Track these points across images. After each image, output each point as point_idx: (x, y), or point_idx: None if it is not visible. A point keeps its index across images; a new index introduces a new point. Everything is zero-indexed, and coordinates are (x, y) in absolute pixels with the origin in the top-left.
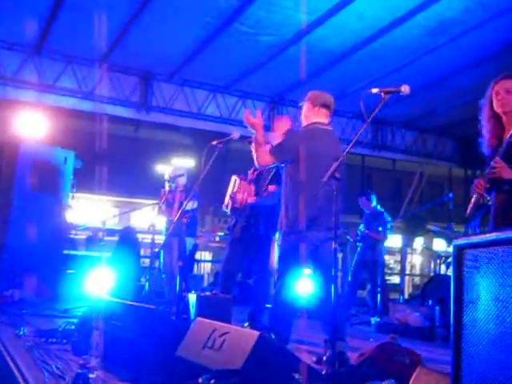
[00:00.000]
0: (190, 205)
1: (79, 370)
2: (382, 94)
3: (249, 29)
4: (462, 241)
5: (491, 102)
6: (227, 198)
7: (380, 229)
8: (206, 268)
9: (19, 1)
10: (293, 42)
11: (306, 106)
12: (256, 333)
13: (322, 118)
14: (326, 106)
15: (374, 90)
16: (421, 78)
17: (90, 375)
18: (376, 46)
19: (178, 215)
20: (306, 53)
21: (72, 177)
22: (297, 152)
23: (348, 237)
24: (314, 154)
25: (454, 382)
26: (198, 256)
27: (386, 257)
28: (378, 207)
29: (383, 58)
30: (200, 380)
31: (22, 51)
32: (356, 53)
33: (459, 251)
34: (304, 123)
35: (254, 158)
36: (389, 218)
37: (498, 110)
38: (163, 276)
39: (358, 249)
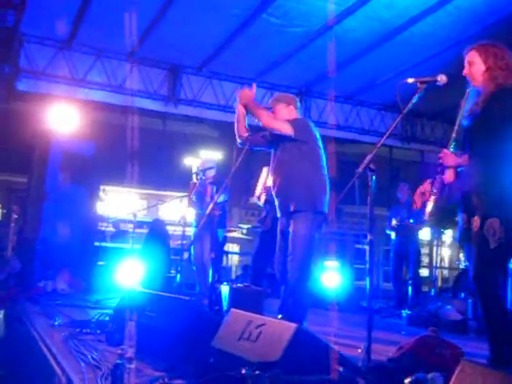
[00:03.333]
0: (222, 198)
1: (118, 361)
2: (418, 83)
3: (277, 20)
4: None
5: None
6: (258, 190)
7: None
8: (233, 260)
9: None
10: (321, 32)
11: (289, 109)
12: (293, 325)
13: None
14: (299, 108)
15: (410, 80)
16: (451, 68)
17: (128, 365)
18: (406, 35)
19: (210, 208)
20: (335, 44)
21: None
22: (314, 136)
23: (388, 231)
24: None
25: None
26: (225, 248)
27: None
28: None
29: (413, 48)
30: (243, 371)
31: (53, 45)
32: (385, 43)
33: None
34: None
35: (259, 118)
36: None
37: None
38: (194, 268)
39: (393, 241)
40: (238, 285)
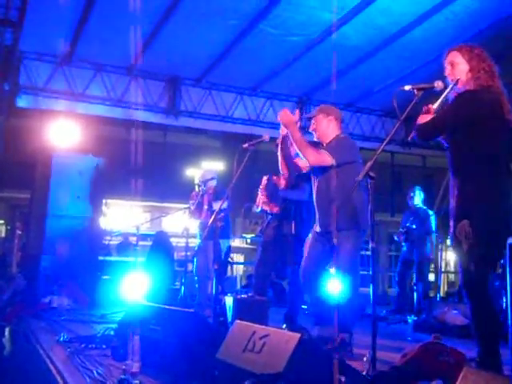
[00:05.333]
0: (223, 206)
1: (122, 376)
2: (415, 90)
3: (274, 30)
4: None
5: None
6: (258, 199)
7: (433, 227)
8: (238, 270)
9: (47, 12)
10: (319, 41)
11: (328, 120)
12: (297, 335)
13: (340, 130)
14: (342, 121)
15: (407, 87)
16: None
17: (133, 381)
18: (403, 41)
19: (212, 219)
20: (333, 52)
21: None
22: (355, 158)
23: (396, 238)
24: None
25: None
26: (229, 258)
27: None
28: (421, 204)
29: (411, 54)
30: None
31: (52, 61)
32: (383, 50)
33: None
34: (330, 134)
35: (304, 156)
36: (433, 216)
37: None
38: (195, 278)
39: (404, 248)
40: (242, 295)
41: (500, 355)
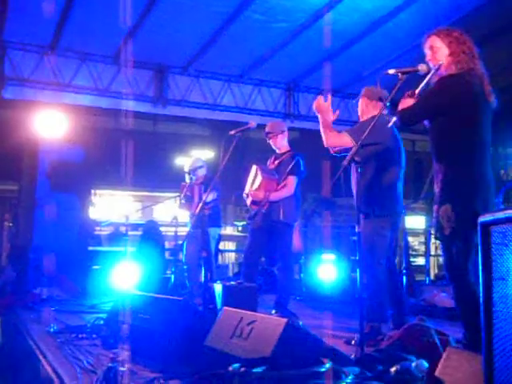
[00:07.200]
0: (211, 196)
1: (110, 364)
2: (399, 74)
3: (261, 16)
4: (488, 217)
5: None
6: (247, 188)
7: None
8: (230, 258)
9: (30, 1)
10: (305, 26)
11: (362, 101)
12: (283, 320)
13: (377, 110)
14: (381, 99)
15: (391, 71)
16: None
17: (121, 368)
18: (390, 25)
19: (199, 207)
20: (320, 37)
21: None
22: (377, 139)
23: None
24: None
25: (485, 359)
26: (221, 246)
27: (410, 238)
28: None
29: (399, 38)
30: (230, 368)
31: (37, 51)
32: (370, 34)
33: (486, 228)
34: (364, 116)
35: (323, 138)
36: None
37: None
38: (185, 267)
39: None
40: (231, 282)
41: None
